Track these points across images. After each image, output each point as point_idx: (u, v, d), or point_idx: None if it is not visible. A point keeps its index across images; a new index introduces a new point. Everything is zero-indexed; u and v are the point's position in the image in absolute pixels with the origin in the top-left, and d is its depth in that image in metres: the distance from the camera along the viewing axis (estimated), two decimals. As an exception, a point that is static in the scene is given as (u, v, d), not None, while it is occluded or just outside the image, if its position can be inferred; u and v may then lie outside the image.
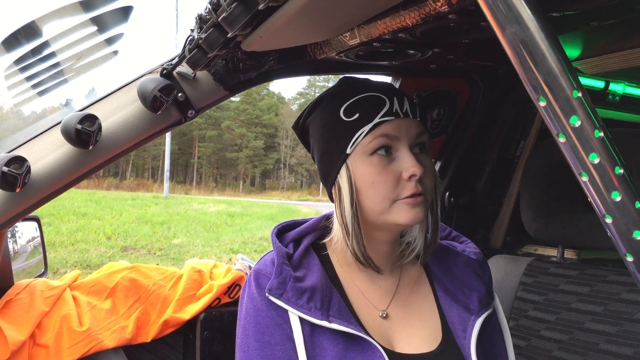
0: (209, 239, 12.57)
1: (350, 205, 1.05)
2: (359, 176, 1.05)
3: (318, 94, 1.19)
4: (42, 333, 1.49)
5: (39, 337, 1.49)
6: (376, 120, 1.03)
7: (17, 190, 1.13)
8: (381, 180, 1.03)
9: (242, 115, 57.28)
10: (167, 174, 28.43)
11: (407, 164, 1.03)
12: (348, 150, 1.05)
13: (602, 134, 0.50)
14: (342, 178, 1.06)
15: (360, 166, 1.04)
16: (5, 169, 1.09)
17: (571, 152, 0.51)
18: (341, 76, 1.21)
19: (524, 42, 0.50)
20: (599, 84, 1.74)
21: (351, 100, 1.06)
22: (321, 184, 1.16)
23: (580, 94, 0.49)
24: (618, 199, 0.50)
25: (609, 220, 0.51)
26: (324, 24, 0.98)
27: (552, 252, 1.73)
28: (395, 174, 1.03)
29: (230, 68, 1.23)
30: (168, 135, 27.68)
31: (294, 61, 1.28)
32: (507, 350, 1.21)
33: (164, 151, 41.59)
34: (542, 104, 0.51)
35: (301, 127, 1.18)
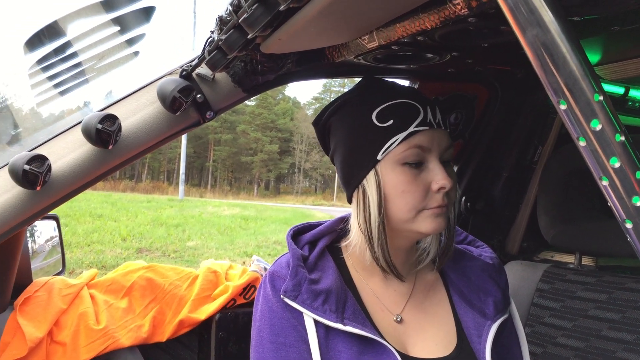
0: (223, 242, 12.60)
1: (377, 212, 1.04)
2: (389, 183, 1.04)
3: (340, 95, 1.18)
4: (59, 330, 1.51)
5: (56, 334, 1.51)
6: (411, 129, 1.02)
7: (38, 188, 1.14)
8: (411, 190, 1.03)
9: (258, 119, 57.46)
10: (182, 177, 28.54)
11: (437, 175, 1.03)
12: (379, 157, 1.03)
13: (623, 138, 0.49)
14: (370, 184, 1.05)
15: (391, 174, 1.04)
16: (26, 167, 1.10)
17: (591, 156, 0.51)
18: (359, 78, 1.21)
19: (545, 45, 0.50)
20: (619, 89, 1.72)
21: (384, 105, 1.05)
22: (340, 186, 1.16)
23: (601, 98, 0.49)
24: (639, 203, 0.50)
25: (629, 225, 0.51)
26: (343, 27, 0.98)
27: (570, 258, 1.72)
28: (425, 185, 1.03)
29: (249, 70, 1.23)
30: (184, 138, 27.82)
31: (312, 64, 1.28)
32: (522, 356, 1.20)
33: (179, 154, 41.85)
34: (563, 107, 0.51)
35: (322, 125, 1.16)
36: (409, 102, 1.05)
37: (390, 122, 1.04)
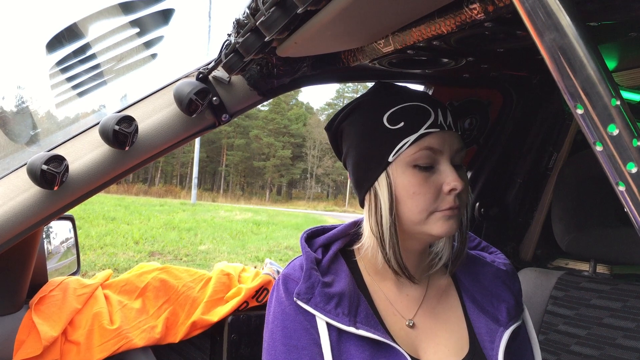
0: (235, 246, 12.62)
1: (389, 214, 1.04)
2: (400, 185, 1.04)
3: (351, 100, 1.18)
4: (74, 330, 1.53)
5: (70, 333, 1.52)
6: (421, 131, 1.03)
7: (55, 188, 1.15)
8: (422, 192, 1.03)
9: (271, 124, 57.65)
10: (195, 181, 28.64)
11: (448, 177, 1.02)
12: (390, 159, 1.04)
13: (640, 144, 0.49)
14: (381, 186, 1.05)
15: (402, 176, 1.04)
16: (44, 167, 1.12)
17: (608, 161, 0.50)
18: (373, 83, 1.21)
19: (563, 49, 0.50)
20: (635, 96, 1.71)
21: (395, 108, 1.06)
22: (352, 190, 1.16)
23: (618, 102, 0.49)
24: (656, 210, 0.49)
25: (645, 232, 0.51)
26: (359, 31, 0.99)
27: (584, 266, 1.71)
28: (436, 187, 1.03)
29: (264, 73, 1.24)
30: (197, 142, 27.98)
31: (327, 68, 1.29)
32: None
33: (192, 158, 42.04)
34: (580, 111, 0.50)
35: (335, 130, 1.17)
36: (419, 105, 1.06)
37: (401, 124, 1.04)
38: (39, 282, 1.58)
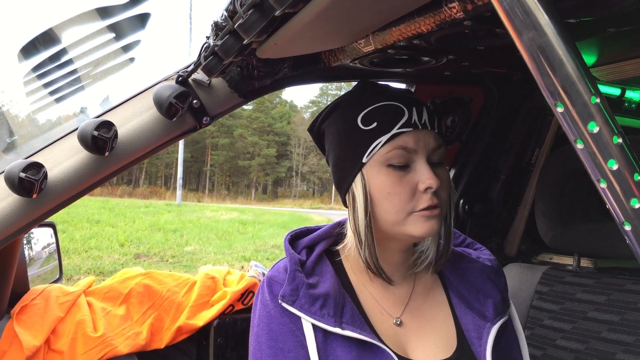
0: (221, 246, 12.59)
1: (364, 215, 1.04)
2: (374, 186, 1.04)
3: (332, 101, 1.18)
4: (57, 338, 1.51)
5: (53, 342, 1.50)
6: (394, 130, 1.02)
7: (34, 196, 1.13)
8: (397, 192, 1.02)
9: (255, 123, 57.50)
10: (179, 181, 28.50)
11: (423, 176, 1.02)
12: (364, 160, 1.04)
13: (620, 140, 0.49)
14: (357, 187, 1.05)
15: (376, 176, 1.04)
16: (22, 174, 1.10)
17: (589, 158, 0.50)
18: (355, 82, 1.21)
19: (541, 47, 0.50)
20: (615, 91, 1.72)
21: (369, 109, 1.06)
22: (334, 189, 1.16)
23: (598, 100, 0.49)
24: (637, 206, 0.49)
25: (627, 227, 0.50)
26: (339, 31, 0.98)
27: (568, 260, 1.72)
28: (411, 186, 1.03)
29: (245, 75, 1.24)
30: (181, 143, 27.77)
31: (308, 68, 1.28)
32: (523, 359, 1.20)
33: (176, 159, 41.85)
34: (560, 109, 0.50)
35: (317, 131, 1.18)
36: (393, 104, 1.05)
37: (374, 124, 1.04)
38: (20, 291, 1.56)
